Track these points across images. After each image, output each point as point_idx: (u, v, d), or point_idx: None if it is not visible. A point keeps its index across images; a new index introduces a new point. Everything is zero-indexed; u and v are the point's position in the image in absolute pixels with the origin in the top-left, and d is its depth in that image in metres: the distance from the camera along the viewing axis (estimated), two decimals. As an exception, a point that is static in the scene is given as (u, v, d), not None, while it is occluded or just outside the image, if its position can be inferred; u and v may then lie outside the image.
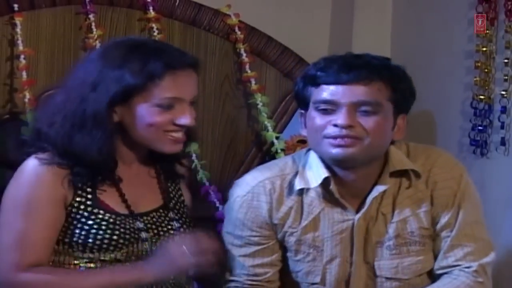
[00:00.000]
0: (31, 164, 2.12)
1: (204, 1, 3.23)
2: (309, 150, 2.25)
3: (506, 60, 3.06)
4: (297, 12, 3.55)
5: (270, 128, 3.21)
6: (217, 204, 3.02)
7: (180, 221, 2.30)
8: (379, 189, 2.18)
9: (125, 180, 2.24)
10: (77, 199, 2.15)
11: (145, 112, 2.12)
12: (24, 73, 2.95)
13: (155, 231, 2.24)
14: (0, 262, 2.11)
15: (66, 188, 2.15)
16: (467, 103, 3.18)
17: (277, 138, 3.19)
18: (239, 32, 3.21)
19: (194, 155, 3.02)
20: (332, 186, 2.14)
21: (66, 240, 2.16)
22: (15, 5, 2.91)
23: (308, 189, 2.18)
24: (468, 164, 2.92)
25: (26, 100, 2.94)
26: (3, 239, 2.13)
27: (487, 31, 3.12)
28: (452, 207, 2.22)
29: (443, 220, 2.22)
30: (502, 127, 3.08)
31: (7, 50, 3.01)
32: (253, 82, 3.20)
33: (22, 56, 2.94)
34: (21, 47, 2.95)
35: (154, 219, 2.27)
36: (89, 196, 2.17)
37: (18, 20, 2.92)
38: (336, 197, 2.16)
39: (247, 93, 3.27)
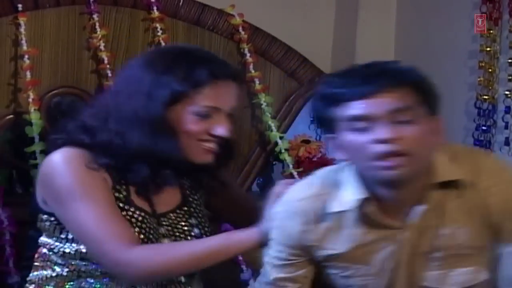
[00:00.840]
0: (71, 154, 2.11)
1: (208, 1, 3.26)
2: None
3: (510, 60, 3.08)
4: (301, 12, 3.59)
5: (274, 128, 3.23)
6: None
7: (199, 226, 2.30)
8: (424, 205, 2.11)
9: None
10: (115, 194, 2.18)
11: (183, 119, 2.14)
12: (28, 73, 2.97)
13: (172, 232, 2.24)
14: (105, 251, 2.08)
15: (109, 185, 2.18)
16: (471, 103, 3.19)
17: (281, 138, 3.22)
18: (243, 32, 3.23)
19: None
20: (370, 208, 2.04)
21: None
22: (19, 5, 2.93)
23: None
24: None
25: (30, 100, 2.95)
26: (90, 230, 2.10)
27: (491, 31, 3.13)
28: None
29: (510, 225, 2.13)
30: (506, 127, 3.08)
31: (11, 50, 3.02)
32: (257, 82, 3.22)
33: (26, 56, 2.95)
34: (25, 47, 2.96)
35: (171, 220, 2.27)
36: (124, 193, 2.18)
37: (22, 20, 2.93)
38: (374, 218, 2.08)
39: (251, 93, 3.27)
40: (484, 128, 3.07)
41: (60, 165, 2.07)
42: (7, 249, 2.95)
